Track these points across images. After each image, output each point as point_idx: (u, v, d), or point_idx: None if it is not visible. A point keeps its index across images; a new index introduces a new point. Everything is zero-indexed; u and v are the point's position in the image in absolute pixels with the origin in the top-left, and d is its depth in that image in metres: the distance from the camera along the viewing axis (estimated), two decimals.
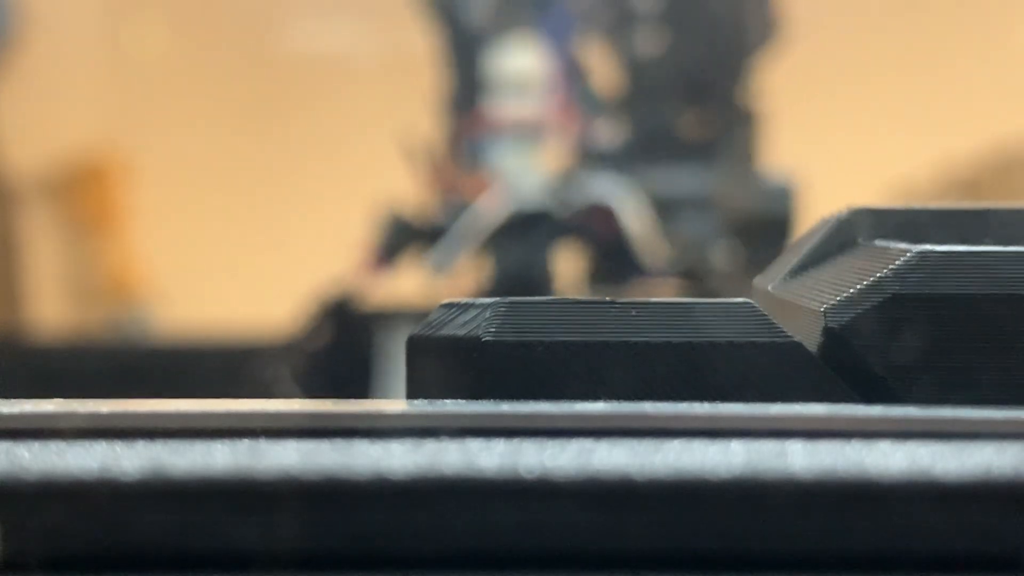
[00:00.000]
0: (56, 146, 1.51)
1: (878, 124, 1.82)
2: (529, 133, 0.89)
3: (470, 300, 0.30)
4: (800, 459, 0.24)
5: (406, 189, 0.93)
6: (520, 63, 0.90)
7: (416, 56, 1.07)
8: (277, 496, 0.24)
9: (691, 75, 0.91)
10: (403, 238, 0.88)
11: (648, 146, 0.91)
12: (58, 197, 1.47)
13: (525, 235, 0.86)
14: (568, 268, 0.92)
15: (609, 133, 0.92)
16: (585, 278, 0.91)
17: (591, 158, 0.91)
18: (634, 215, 0.87)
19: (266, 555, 0.24)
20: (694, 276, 0.88)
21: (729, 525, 0.24)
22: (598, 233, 0.87)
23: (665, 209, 0.89)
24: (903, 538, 0.24)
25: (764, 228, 0.89)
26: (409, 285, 0.92)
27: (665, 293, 0.88)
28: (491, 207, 0.86)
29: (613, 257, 0.87)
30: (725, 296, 0.30)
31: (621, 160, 0.91)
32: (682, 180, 0.90)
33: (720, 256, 0.90)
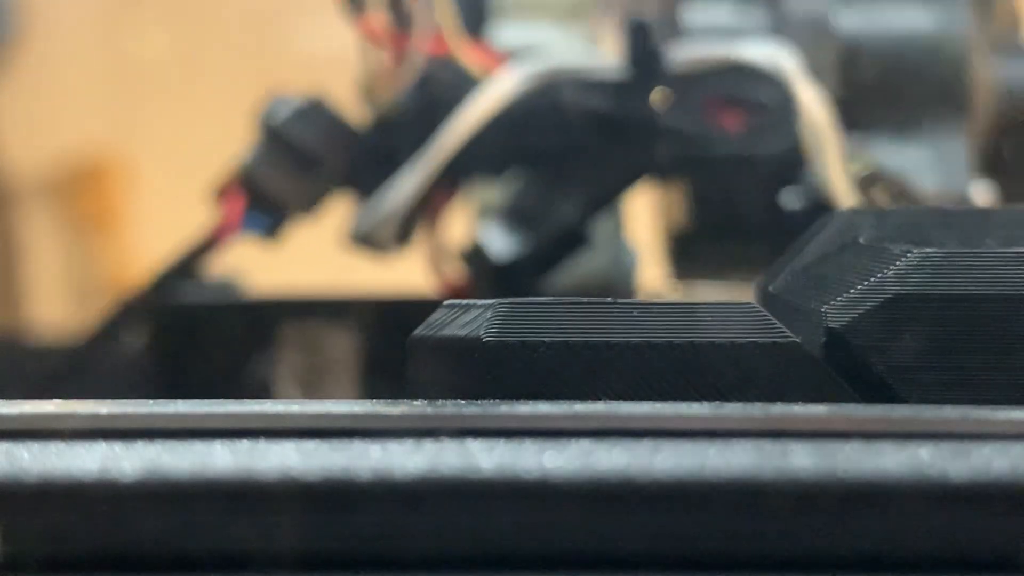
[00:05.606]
0: (56, 146, 1.51)
1: None
2: None
3: (471, 301, 0.31)
4: (800, 459, 0.24)
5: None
6: None
7: None
8: (277, 496, 0.24)
9: None
10: (318, 154, 0.45)
11: None
12: (58, 197, 1.47)
13: (563, 147, 0.44)
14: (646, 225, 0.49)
15: None
16: (689, 256, 0.47)
17: None
18: (814, 100, 0.43)
19: (266, 556, 0.24)
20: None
21: (729, 525, 0.24)
22: (731, 139, 0.44)
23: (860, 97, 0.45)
24: (903, 538, 0.24)
25: None
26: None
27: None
28: (498, 84, 0.44)
29: (765, 197, 0.44)
30: None
31: None
32: (893, 27, 0.46)
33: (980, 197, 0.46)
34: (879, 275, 0.30)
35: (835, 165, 0.43)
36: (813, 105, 0.43)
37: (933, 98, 0.45)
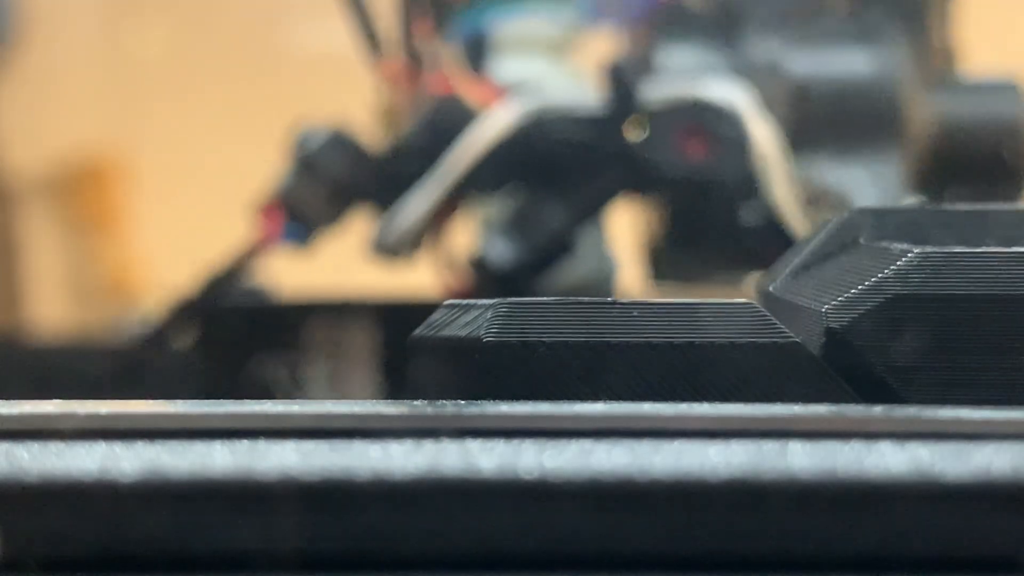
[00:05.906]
0: (56, 146, 1.51)
1: None
2: None
3: (471, 301, 0.31)
4: (800, 459, 0.24)
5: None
6: None
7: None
8: (277, 497, 0.24)
9: None
10: (343, 178, 0.51)
11: (771, 20, 0.53)
12: (58, 197, 1.47)
13: (551, 171, 0.50)
14: (628, 241, 0.56)
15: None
16: (663, 262, 0.54)
17: (675, 32, 0.53)
18: (764, 134, 0.49)
19: (266, 556, 0.24)
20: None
21: (729, 525, 0.24)
22: (695, 165, 0.50)
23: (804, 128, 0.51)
24: (903, 538, 0.24)
25: (988, 161, 0.53)
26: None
27: None
28: (496, 118, 0.49)
29: (725, 214, 0.50)
30: None
31: (726, 40, 0.53)
32: (837, 69, 0.52)
33: None
34: (879, 275, 0.30)
35: (782, 188, 0.49)
36: (763, 138, 0.49)
37: (871, 128, 0.52)
